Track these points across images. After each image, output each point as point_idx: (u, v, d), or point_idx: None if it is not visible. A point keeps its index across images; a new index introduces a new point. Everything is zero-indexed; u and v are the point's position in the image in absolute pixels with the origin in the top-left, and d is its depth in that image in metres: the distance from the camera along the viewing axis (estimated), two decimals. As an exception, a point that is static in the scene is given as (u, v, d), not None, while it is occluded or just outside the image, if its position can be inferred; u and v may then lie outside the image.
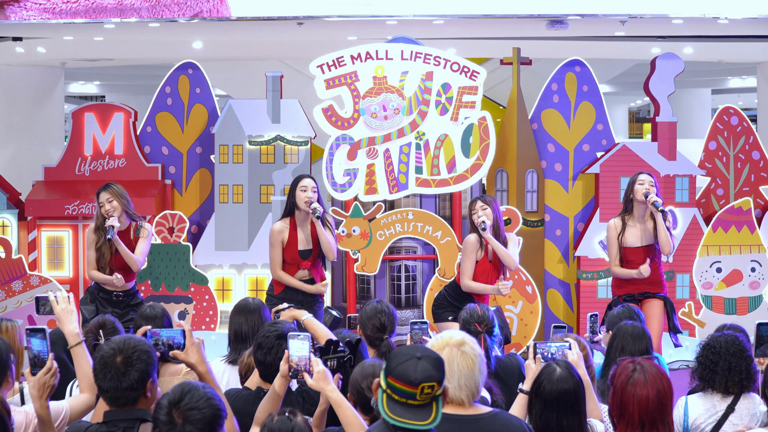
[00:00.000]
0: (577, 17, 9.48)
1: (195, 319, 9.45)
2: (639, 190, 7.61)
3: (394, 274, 9.29)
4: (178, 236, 9.38)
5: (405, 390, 3.36)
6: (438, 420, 3.38)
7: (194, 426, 3.38)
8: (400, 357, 3.40)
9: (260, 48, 12.39)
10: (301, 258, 7.52)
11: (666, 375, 3.92)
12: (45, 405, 4.11)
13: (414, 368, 3.35)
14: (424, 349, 3.45)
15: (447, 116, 8.92)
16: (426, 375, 3.35)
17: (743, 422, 4.81)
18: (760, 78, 13.34)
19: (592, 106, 9.72)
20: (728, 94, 24.22)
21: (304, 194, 7.44)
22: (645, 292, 7.69)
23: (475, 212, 7.60)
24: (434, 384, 3.36)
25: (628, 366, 3.92)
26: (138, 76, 18.59)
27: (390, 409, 3.39)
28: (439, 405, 3.40)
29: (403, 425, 3.37)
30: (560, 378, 3.98)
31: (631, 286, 7.70)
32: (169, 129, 9.91)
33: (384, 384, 3.43)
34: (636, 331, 5.32)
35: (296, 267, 7.55)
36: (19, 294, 9.47)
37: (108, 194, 7.48)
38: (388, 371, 3.41)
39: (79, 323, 4.82)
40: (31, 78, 12.56)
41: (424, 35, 9.95)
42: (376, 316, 5.66)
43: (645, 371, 3.87)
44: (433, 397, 3.38)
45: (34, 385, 4.15)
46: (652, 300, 7.71)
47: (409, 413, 3.36)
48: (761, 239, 9.52)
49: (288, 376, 4.25)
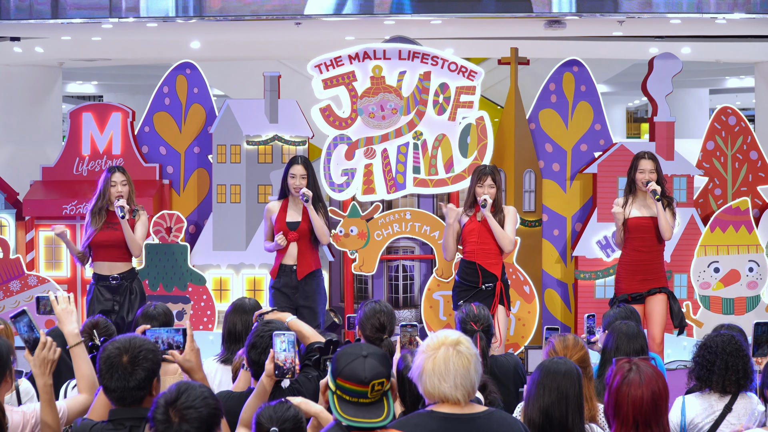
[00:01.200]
0: (575, 17, 9.49)
1: (192, 319, 9.44)
2: (640, 178, 7.86)
3: (392, 274, 9.29)
4: (176, 236, 9.38)
5: (355, 389, 3.41)
6: (391, 416, 3.43)
7: (191, 425, 3.39)
8: (347, 357, 3.45)
9: (258, 48, 12.38)
10: (289, 229, 7.89)
11: (662, 376, 3.92)
12: (50, 382, 4.12)
13: (362, 367, 3.40)
14: (368, 346, 3.50)
15: (445, 116, 8.92)
16: (375, 372, 3.40)
17: (741, 422, 4.81)
18: (757, 78, 13.35)
19: (589, 106, 9.71)
20: (726, 94, 24.24)
21: (292, 181, 7.90)
22: (651, 289, 7.85)
23: (481, 187, 7.71)
24: (383, 380, 3.42)
25: (624, 366, 3.92)
26: (136, 76, 18.58)
27: (342, 409, 3.43)
28: (389, 400, 3.46)
29: (358, 425, 3.41)
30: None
31: (635, 278, 7.88)
32: (166, 129, 9.90)
33: (333, 386, 3.46)
34: (631, 331, 5.32)
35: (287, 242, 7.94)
36: (17, 294, 9.47)
37: (123, 177, 7.84)
38: (336, 373, 3.45)
39: (82, 318, 4.82)
40: (28, 78, 12.55)
41: (421, 35, 9.95)
42: (374, 316, 5.64)
43: (641, 371, 3.87)
44: (383, 393, 3.43)
45: (35, 363, 4.17)
46: (656, 295, 7.89)
47: (362, 412, 3.41)
48: (759, 239, 9.52)
49: (273, 376, 4.25)
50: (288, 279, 7.98)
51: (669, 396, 3.93)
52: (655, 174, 7.83)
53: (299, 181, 7.90)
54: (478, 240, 7.79)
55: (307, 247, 8.03)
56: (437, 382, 3.62)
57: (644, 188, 7.83)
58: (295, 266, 8.03)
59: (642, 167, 7.88)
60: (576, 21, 9.70)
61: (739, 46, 12.06)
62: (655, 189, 7.75)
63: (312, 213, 7.82)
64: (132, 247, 7.77)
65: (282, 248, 8.01)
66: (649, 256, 7.89)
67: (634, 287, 7.91)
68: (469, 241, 7.88)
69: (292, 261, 8.05)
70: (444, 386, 3.61)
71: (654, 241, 7.90)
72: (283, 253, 8.05)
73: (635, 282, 7.90)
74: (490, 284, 7.80)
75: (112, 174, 7.86)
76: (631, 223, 7.89)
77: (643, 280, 7.90)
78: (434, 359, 3.63)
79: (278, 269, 8.04)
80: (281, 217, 8.00)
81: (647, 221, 7.88)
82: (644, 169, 7.86)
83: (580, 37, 11.34)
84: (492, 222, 7.72)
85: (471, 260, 7.85)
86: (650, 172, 7.83)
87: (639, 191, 7.94)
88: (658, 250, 7.95)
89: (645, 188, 7.82)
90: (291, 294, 8.03)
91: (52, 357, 4.18)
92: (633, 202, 7.96)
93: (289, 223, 7.97)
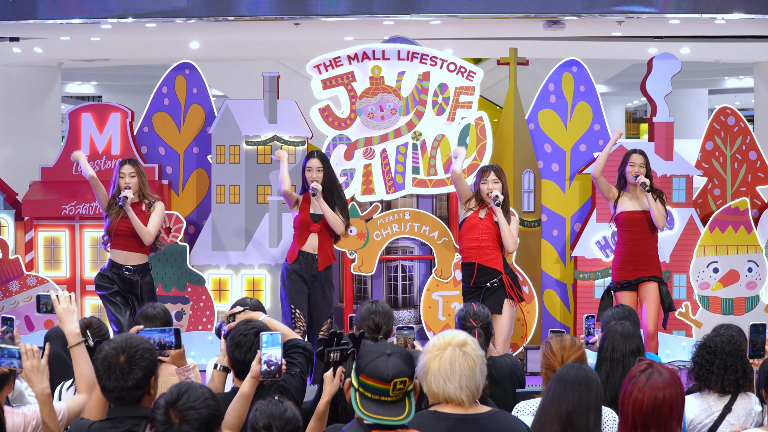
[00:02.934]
0: (574, 17, 9.49)
1: (192, 319, 9.45)
2: (630, 171, 8.12)
3: (391, 274, 9.29)
4: (175, 236, 9.37)
5: (377, 387, 3.41)
6: (412, 415, 3.43)
7: (191, 426, 3.38)
8: (371, 355, 3.45)
9: (257, 48, 12.39)
10: (312, 221, 8.04)
11: (674, 385, 3.82)
12: (47, 390, 4.12)
13: (385, 365, 3.41)
14: (393, 345, 3.50)
15: (444, 116, 8.93)
16: (398, 371, 3.40)
17: (740, 422, 4.81)
18: (756, 78, 13.36)
19: (589, 107, 9.71)
20: (725, 95, 24.25)
21: (308, 174, 8.03)
22: (640, 277, 8.14)
23: (485, 183, 7.83)
24: (406, 379, 3.42)
25: (641, 366, 3.89)
26: (135, 76, 18.60)
27: (364, 406, 3.43)
28: (411, 401, 3.46)
29: (378, 422, 3.41)
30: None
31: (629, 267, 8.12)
32: (166, 129, 9.89)
33: (356, 383, 3.47)
34: (626, 331, 5.31)
35: (307, 232, 8.08)
36: (16, 294, 9.46)
37: (132, 168, 8.13)
38: (360, 369, 3.46)
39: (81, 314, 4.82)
40: (28, 78, 12.56)
41: (420, 35, 9.96)
42: (369, 317, 5.56)
43: (651, 376, 3.82)
44: (405, 392, 3.43)
45: (26, 376, 4.14)
46: (647, 284, 8.13)
47: (383, 410, 3.41)
48: (758, 239, 9.52)
49: (260, 377, 4.24)
50: (309, 267, 8.09)
51: (681, 404, 3.83)
52: (644, 168, 8.15)
53: (315, 174, 8.01)
54: (479, 237, 7.87)
55: (327, 240, 8.14)
56: (442, 383, 3.63)
57: (634, 181, 8.08)
58: (316, 256, 8.10)
59: (632, 161, 8.16)
60: (575, 21, 9.70)
61: (739, 46, 12.07)
62: (645, 182, 8.02)
63: (323, 205, 7.96)
64: (141, 235, 7.99)
65: (293, 198, 8.16)
66: (642, 248, 8.18)
67: (624, 276, 8.18)
68: (467, 238, 7.98)
69: (312, 250, 8.12)
70: (449, 387, 3.62)
71: (646, 233, 8.18)
72: (303, 241, 8.10)
73: (626, 272, 8.19)
74: (495, 280, 7.88)
75: (121, 166, 8.16)
76: (624, 217, 8.17)
77: (635, 270, 8.16)
78: (440, 359, 3.63)
79: (297, 255, 8.09)
80: (305, 208, 8.11)
81: (639, 215, 8.15)
82: (634, 163, 8.15)
83: (579, 37, 11.34)
84: (502, 221, 7.88)
85: (469, 262, 7.96)
86: (640, 166, 8.11)
87: (630, 186, 8.18)
88: (650, 242, 8.22)
89: (635, 181, 8.07)
90: (310, 282, 8.08)
91: (38, 363, 4.15)
92: (624, 195, 8.21)
93: (312, 215, 8.10)
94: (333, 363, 4.40)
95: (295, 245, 8.15)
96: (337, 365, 4.41)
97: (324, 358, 4.40)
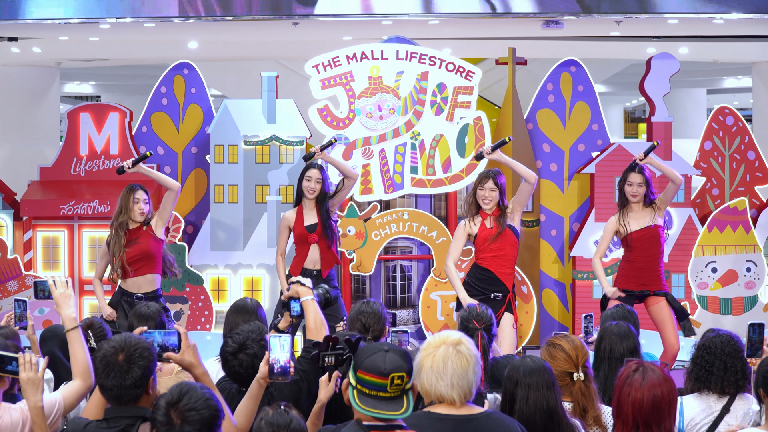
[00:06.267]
0: (573, 17, 9.49)
1: (190, 319, 9.44)
2: (628, 191, 7.84)
3: (390, 274, 9.29)
4: (174, 236, 9.37)
5: (375, 382, 3.42)
6: (410, 410, 3.44)
7: (192, 426, 3.39)
8: (368, 351, 3.48)
9: (256, 48, 12.39)
10: (308, 231, 7.91)
11: (668, 381, 3.89)
12: (40, 404, 4.08)
13: (383, 359, 3.43)
14: (391, 344, 3.52)
15: (442, 116, 8.93)
16: (395, 365, 3.42)
17: (738, 422, 4.81)
18: (755, 78, 13.37)
19: (587, 106, 9.72)
20: (723, 94, 24.25)
21: (307, 183, 7.90)
22: (645, 290, 7.80)
23: (482, 189, 7.68)
24: (403, 374, 3.44)
25: (631, 366, 3.93)
26: (133, 76, 18.59)
27: (362, 401, 3.44)
28: (409, 398, 3.47)
29: (376, 415, 3.42)
30: None
31: (633, 282, 7.84)
32: (164, 129, 9.89)
33: (353, 380, 3.48)
34: (621, 331, 5.31)
35: (307, 245, 7.93)
36: (15, 294, 9.45)
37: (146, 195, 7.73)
38: (357, 365, 3.47)
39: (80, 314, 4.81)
40: (26, 78, 12.56)
41: (419, 35, 9.96)
42: (357, 318, 5.47)
43: (645, 374, 3.87)
44: (403, 389, 3.45)
45: (23, 387, 4.11)
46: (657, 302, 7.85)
47: (381, 404, 3.43)
48: (756, 239, 9.53)
49: (267, 378, 4.24)
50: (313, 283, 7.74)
51: (676, 399, 3.90)
52: (643, 188, 7.79)
53: (314, 185, 7.87)
54: (498, 246, 7.66)
55: (326, 246, 7.94)
56: (434, 380, 3.63)
57: (633, 201, 7.82)
58: (318, 270, 7.92)
59: (630, 180, 7.85)
60: (573, 21, 9.71)
61: (737, 46, 12.08)
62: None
63: (328, 157, 7.96)
64: (168, 185, 7.78)
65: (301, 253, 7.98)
66: (648, 265, 7.85)
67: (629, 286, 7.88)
68: (485, 248, 7.70)
69: (314, 266, 7.94)
70: (440, 385, 3.62)
71: (654, 249, 7.85)
72: (304, 256, 7.95)
73: (630, 284, 7.89)
74: (499, 294, 7.68)
75: (134, 192, 7.71)
76: (631, 237, 7.82)
77: (639, 284, 7.88)
78: (433, 357, 3.64)
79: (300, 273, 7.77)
80: (299, 221, 7.95)
81: (645, 231, 7.82)
82: (632, 182, 7.83)
83: (578, 37, 11.35)
84: (506, 159, 7.79)
85: (485, 267, 7.70)
86: (638, 186, 7.80)
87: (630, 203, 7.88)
88: (657, 258, 7.90)
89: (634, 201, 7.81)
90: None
91: (34, 376, 4.12)
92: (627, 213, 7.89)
93: (306, 226, 7.93)
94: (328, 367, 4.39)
95: (298, 261, 8.01)
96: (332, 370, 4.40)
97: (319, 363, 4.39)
